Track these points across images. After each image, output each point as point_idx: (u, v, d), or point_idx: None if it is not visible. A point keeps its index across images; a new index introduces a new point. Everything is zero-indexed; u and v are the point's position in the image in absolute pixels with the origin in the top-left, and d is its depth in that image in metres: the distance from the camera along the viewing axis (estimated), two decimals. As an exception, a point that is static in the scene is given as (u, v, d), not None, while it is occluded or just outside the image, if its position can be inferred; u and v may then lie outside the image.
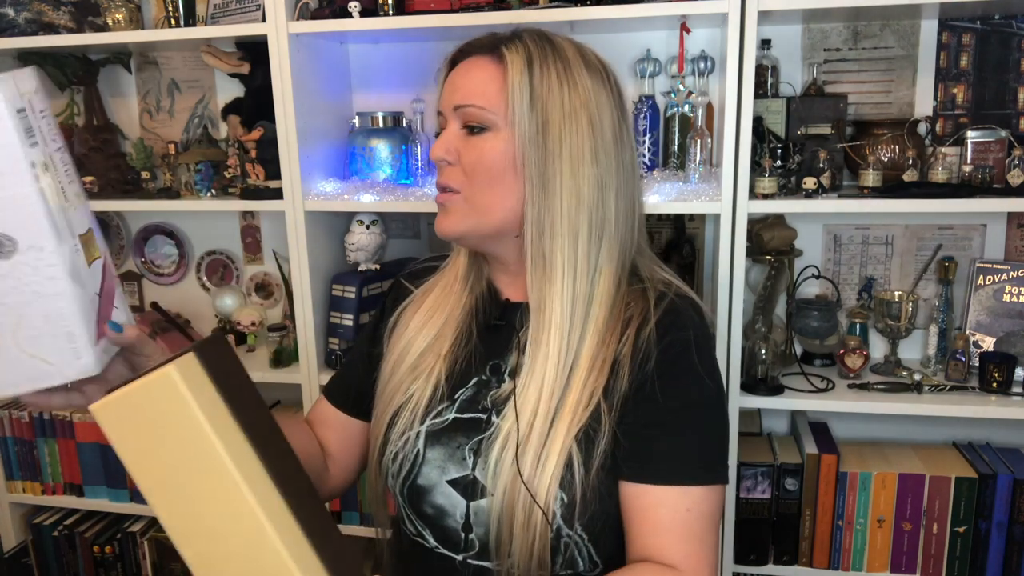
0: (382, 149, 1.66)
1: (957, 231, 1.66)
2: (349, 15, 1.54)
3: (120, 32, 1.69)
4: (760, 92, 1.56)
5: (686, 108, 1.58)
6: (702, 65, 1.58)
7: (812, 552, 1.58)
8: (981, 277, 1.61)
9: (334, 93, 1.78)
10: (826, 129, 1.54)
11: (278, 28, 1.54)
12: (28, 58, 1.81)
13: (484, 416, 0.91)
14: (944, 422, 1.69)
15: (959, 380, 1.53)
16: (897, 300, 1.58)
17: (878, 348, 1.70)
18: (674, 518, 0.84)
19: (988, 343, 1.59)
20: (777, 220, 1.63)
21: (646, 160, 1.60)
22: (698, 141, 1.51)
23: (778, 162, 1.49)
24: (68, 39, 1.70)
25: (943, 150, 1.53)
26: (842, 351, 1.59)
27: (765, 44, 1.58)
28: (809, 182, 1.46)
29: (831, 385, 1.55)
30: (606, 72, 0.90)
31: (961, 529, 1.53)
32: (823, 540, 1.58)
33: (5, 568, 1.96)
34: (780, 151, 1.50)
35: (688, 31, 1.56)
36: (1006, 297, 1.59)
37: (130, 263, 2.08)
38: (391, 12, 1.55)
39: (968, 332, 1.60)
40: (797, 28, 1.64)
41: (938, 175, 1.47)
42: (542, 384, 0.86)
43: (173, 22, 1.70)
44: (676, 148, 1.60)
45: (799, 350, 1.70)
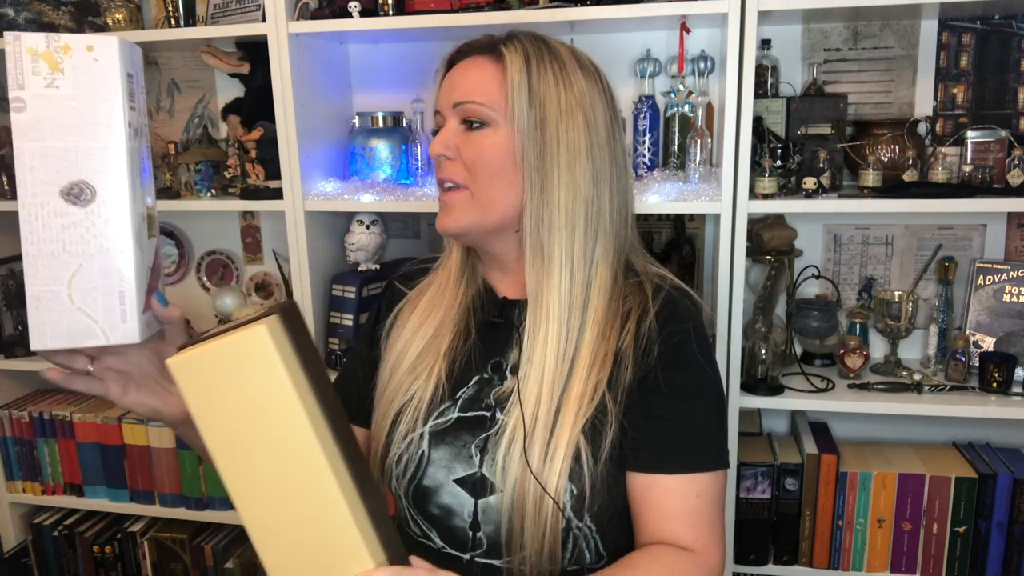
0: (382, 149, 1.66)
1: (957, 231, 1.66)
2: (349, 15, 1.54)
3: (120, 32, 1.69)
4: (760, 92, 1.56)
5: (686, 108, 1.59)
6: (702, 65, 1.58)
7: (812, 552, 1.58)
8: (981, 277, 1.61)
9: (334, 93, 1.78)
10: (826, 129, 1.54)
11: (278, 28, 1.54)
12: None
13: (488, 413, 0.92)
14: (944, 422, 1.69)
15: (959, 380, 1.53)
16: (897, 300, 1.58)
17: (878, 348, 1.70)
18: (684, 504, 0.87)
19: (988, 343, 1.59)
20: (777, 220, 1.63)
21: (646, 160, 1.59)
22: (698, 141, 1.51)
23: (778, 162, 1.50)
24: (68, 39, 1.70)
25: (943, 150, 1.54)
26: (842, 351, 1.59)
27: (765, 44, 1.58)
28: (809, 182, 1.46)
29: (831, 385, 1.55)
30: (599, 74, 0.94)
31: (961, 529, 1.53)
32: (823, 540, 1.58)
33: (5, 568, 1.96)
34: (780, 151, 1.50)
35: (688, 31, 1.56)
36: (1006, 297, 1.59)
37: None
38: (391, 12, 1.55)
39: (968, 332, 1.60)
40: (797, 28, 1.64)
41: (938, 175, 1.47)
42: (543, 376, 0.88)
43: (173, 22, 1.70)
44: (676, 148, 1.60)
45: (799, 350, 1.70)
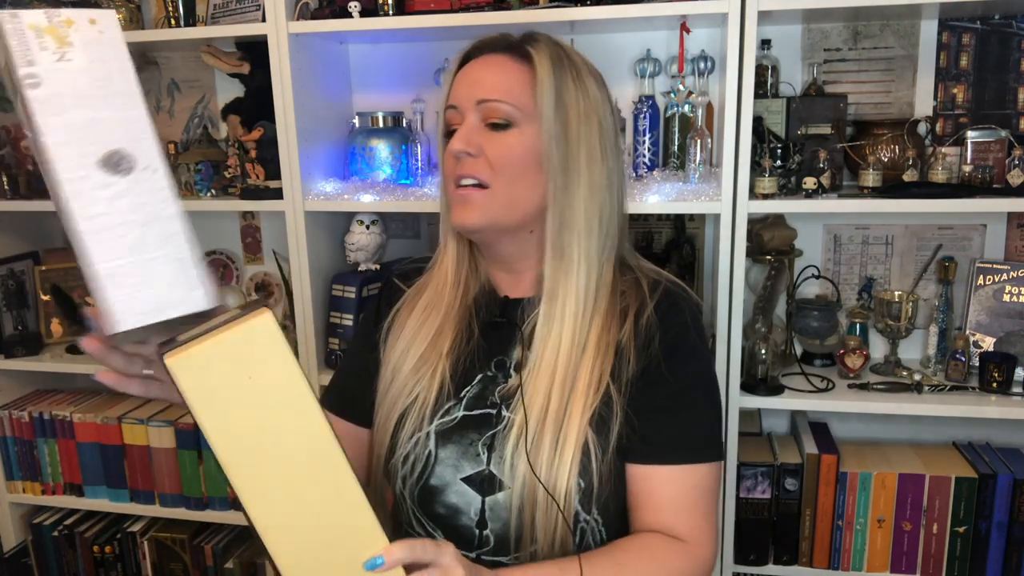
0: (382, 149, 1.66)
1: (957, 231, 1.66)
2: (349, 15, 1.54)
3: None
4: (760, 92, 1.56)
5: (686, 108, 1.58)
6: (702, 65, 1.58)
7: (812, 552, 1.58)
8: (981, 277, 1.61)
9: (334, 93, 1.78)
10: (826, 129, 1.54)
11: (278, 28, 1.54)
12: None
13: (494, 411, 0.92)
14: (944, 422, 1.69)
15: (959, 380, 1.53)
16: (897, 300, 1.58)
17: (878, 348, 1.70)
18: (680, 494, 0.88)
19: (988, 343, 1.59)
20: (777, 220, 1.63)
21: (646, 160, 1.59)
22: (698, 141, 1.51)
23: (778, 162, 1.49)
24: (68, 39, 1.70)
25: (943, 150, 1.53)
26: (842, 351, 1.59)
27: (765, 44, 1.58)
28: (809, 182, 1.46)
29: (831, 385, 1.55)
30: (602, 79, 0.96)
31: (961, 529, 1.53)
32: (823, 540, 1.57)
33: (5, 568, 1.96)
34: (780, 151, 1.50)
35: (688, 31, 1.56)
36: (1006, 297, 1.59)
37: (130, 263, 2.08)
38: (391, 12, 1.55)
39: (968, 332, 1.60)
40: (797, 28, 1.64)
41: (938, 175, 1.47)
42: (554, 372, 0.89)
43: (173, 22, 1.70)
44: (676, 148, 1.60)
45: (799, 350, 1.70)
